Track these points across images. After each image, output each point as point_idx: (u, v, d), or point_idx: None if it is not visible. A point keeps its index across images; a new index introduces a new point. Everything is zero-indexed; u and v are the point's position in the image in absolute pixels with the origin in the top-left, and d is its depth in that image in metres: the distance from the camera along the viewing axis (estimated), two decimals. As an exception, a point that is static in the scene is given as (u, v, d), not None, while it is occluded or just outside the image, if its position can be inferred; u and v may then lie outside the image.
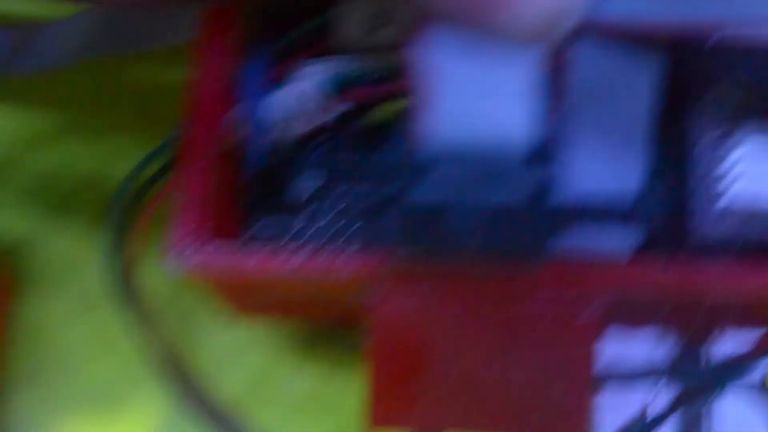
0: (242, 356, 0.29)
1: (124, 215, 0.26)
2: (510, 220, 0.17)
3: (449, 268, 0.19)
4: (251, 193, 0.23)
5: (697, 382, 0.24)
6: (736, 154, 0.19)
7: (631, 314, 0.23)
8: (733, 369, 0.24)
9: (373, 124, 0.23)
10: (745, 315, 0.23)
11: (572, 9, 0.15)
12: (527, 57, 0.16)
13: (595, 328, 0.20)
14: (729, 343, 0.24)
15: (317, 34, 0.22)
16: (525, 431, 0.22)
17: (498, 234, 0.17)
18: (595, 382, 0.23)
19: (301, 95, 0.21)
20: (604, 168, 0.20)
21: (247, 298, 0.23)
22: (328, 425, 0.29)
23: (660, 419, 0.24)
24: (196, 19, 0.22)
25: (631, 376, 0.25)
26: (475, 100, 0.16)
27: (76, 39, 0.30)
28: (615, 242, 0.20)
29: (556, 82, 0.20)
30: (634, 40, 0.19)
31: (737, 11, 0.16)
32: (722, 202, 0.19)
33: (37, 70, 0.30)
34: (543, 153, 0.17)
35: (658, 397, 0.25)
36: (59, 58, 0.30)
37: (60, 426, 0.29)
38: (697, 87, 0.20)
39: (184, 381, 0.28)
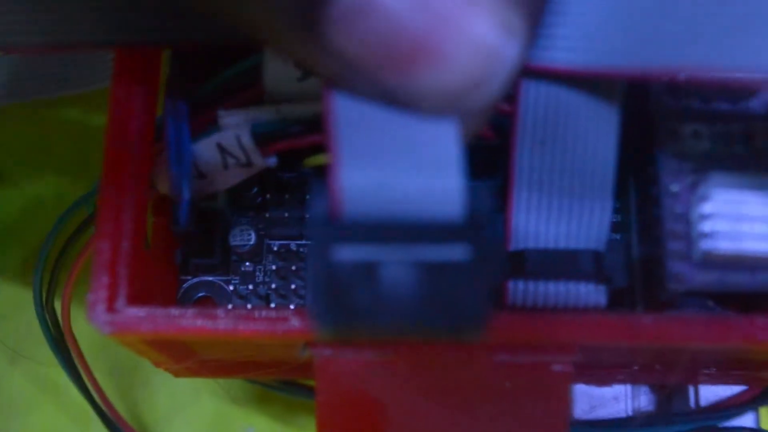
0: (191, 406, 0.28)
1: (52, 265, 0.25)
2: (446, 279, 0.16)
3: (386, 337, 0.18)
4: (181, 251, 0.22)
5: (686, 429, 0.23)
6: (707, 207, 0.18)
7: (607, 364, 0.22)
8: (722, 414, 0.23)
9: (302, 176, 0.22)
10: (722, 364, 0.22)
11: (490, 80, 0.14)
12: (444, 124, 0.15)
13: (568, 378, 0.19)
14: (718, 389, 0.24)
15: (243, 80, 0.21)
16: None
17: (434, 293, 0.15)
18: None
19: (220, 147, 0.20)
20: (567, 224, 0.19)
21: (183, 360, 0.22)
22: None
23: None
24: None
25: (613, 423, 0.24)
26: (393, 160, 0.15)
27: None
28: (582, 300, 0.19)
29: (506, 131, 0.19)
30: (586, 84, 0.18)
31: (687, 59, 0.15)
32: (697, 254, 0.18)
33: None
34: (477, 218, 0.16)
35: None
36: None
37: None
38: (659, 139, 0.19)
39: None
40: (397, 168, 0.15)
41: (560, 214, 0.19)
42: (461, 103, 0.14)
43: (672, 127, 0.19)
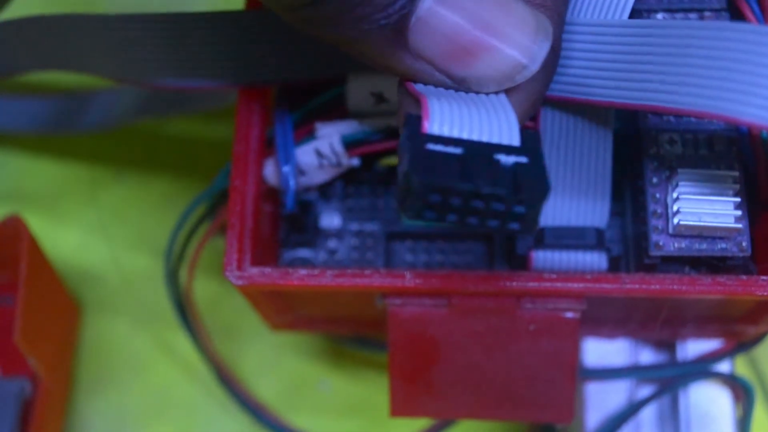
0: (276, 363, 0.35)
1: (178, 250, 0.31)
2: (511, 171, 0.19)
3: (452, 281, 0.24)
4: (283, 230, 0.28)
5: (675, 374, 0.29)
6: (677, 192, 0.24)
7: (607, 317, 0.28)
8: (704, 363, 0.29)
9: (377, 174, 0.28)
10: (702, 316, 0.28)
11: (527, 66, 0.20)
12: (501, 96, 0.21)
13: (577, 324, 0.25)
14: (701, 342, 0.30)
15: (333, 103, 0.27)
16: (520, 417, 0.27)
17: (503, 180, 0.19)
18: (579, 371, 0.28)
19: (317, 151, 0.26)
20: (576, 208, 0.26)
21: (283, 313, 0.29)
22: (358, 422, 0.34)
23: (643, 403, 0.29)
24: (231, 93, 0.28)
25: (617, 370, 0.30)
26: (466, 106, 0.20)
27: (124, 106, 0.35)
28: (588, 265, 0.26)
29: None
30: (587, 108, 0.24)
31: (663, 100, 0.21)
32: (671, 227, 0.25)
33: (92, 130, 0.36)
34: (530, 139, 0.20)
35: (638, 388, 0.30)
36: (110, 120, 0.35)
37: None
38: (644, 145, 0.25)
39: (228, 384, 0.33)
40: (470, 111, 0.21)
41: (571, 200, 0.25)
42: (511, 81, 0.21)
43: (653, 135, 0.25)
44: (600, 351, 0.30)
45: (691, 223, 0.24)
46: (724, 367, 0.29)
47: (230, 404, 0.33)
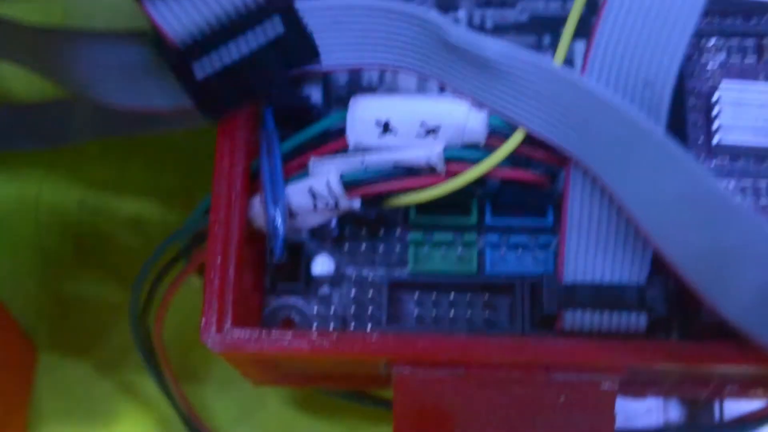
0: (258, 412, 0.31)
1: (149, 289, 0.28)
2: None
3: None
4: (269, 278, 0.24)
5: None
6: None
7: (643, 380, 0.25)
8: (745, 426, 0.26)
9: (377, 216, 0.24)
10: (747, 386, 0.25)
11: None
12: None
13: (615, 396, 0.22)
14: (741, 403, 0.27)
15: (330, 133, 0.23)
16: None
17: None
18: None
19: (311, 191, 0.23)
20: (610, 263, 0.22)
21: (268, 371, 0.25)
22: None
23: None
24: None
25: None
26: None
27: (81, 119, 0.31)
28: (624, 327, 0.22)
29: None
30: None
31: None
32: None
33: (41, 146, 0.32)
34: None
35: None
36: (64, 135, 0.31)
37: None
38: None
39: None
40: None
41: (606, 252, 0.22)
42: None
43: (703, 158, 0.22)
44: (626, 410, 0.27)
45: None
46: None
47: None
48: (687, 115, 0.22)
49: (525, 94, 0.21)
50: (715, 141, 0.22)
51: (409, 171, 0.22)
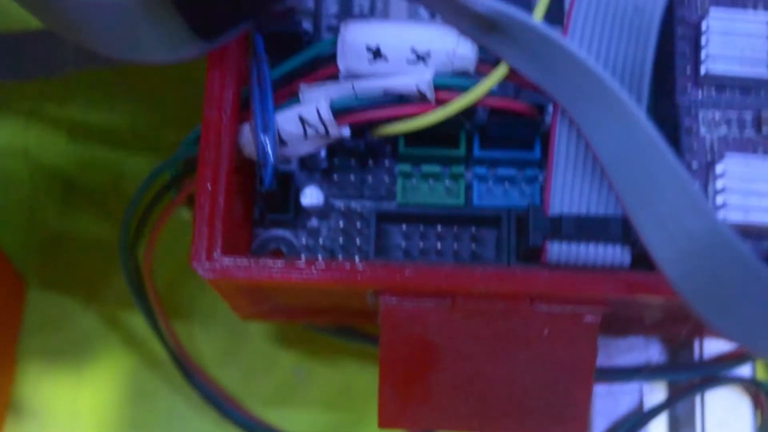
0: (244, 347, 0.31)
1: (138, 222, 0.28)
2: None
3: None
4: (259, 208, 0.24)
5: (690, 377, 0.26)
6: (720, 183, 0.21)
7: (628, 315, 0.25)
8: (723, 365, 0.26)
9: (366, 147, 0.24)
10: None
11: None
12: None
13: (597, 329, 0.22)
14: (720, 342, 0.27)
15: (320, 59, 0.23)
16: (527, 431, 0.23)
17: None
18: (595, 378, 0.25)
19: (301, 119, 0.23)
20: (596, 195, 0.22)
21: (256, 304, 0.25)
22: (338, 416, 0.30)
23: (655, 411, 0.26)
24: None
25: (627, 371, 0.27)
26: None
27: (68, 49, 0.30)
28: (610, 259, 0.22)
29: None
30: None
31: None
32: None
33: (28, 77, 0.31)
34: None
35: (651, 393, 0.27)
36: (51, 66, 0.30)
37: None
38: (683, 122, 0.22)
39: (190, 373, 0.30)
40: None
41: (592, 184, 0.22)
42: None
43: (693, 112, 0.22)
44: (608, 348, 0.27)
45: (737, 221, 0.20)
46: (744, 371, 0.26)
47: (194, 395, 0.30)
48: (675, 44, 0.22)
49: (516, 46, 0.21)
50: (702, 71, 0.22)
51: (400, 99, 0.22)
